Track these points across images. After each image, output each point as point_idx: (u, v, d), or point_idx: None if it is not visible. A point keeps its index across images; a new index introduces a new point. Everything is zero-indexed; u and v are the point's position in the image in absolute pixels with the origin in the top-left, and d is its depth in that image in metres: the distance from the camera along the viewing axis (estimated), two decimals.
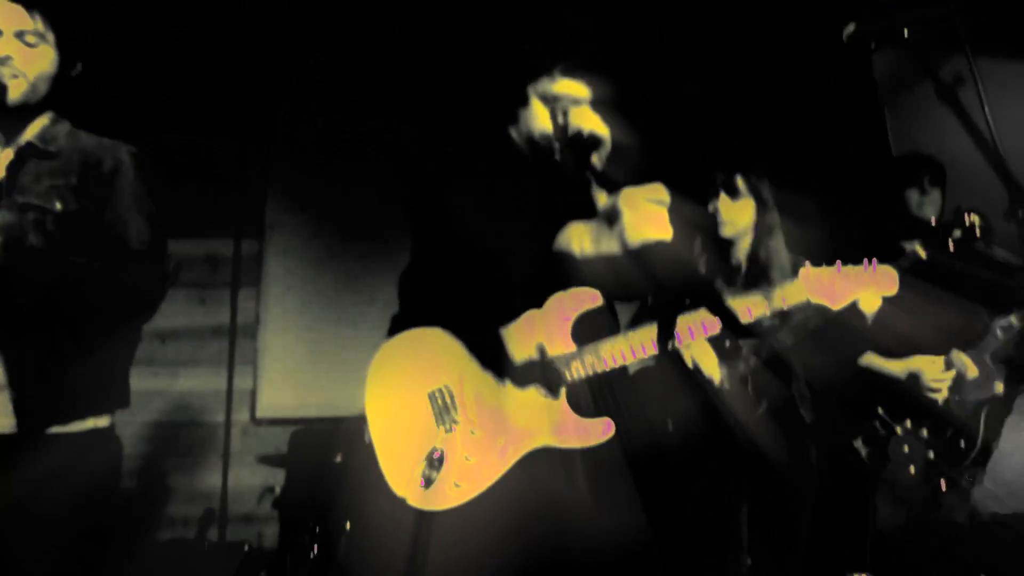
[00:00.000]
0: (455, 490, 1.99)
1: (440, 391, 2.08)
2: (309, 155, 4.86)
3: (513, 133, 2.18)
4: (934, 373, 2.93)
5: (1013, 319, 2.83)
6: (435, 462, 1.94)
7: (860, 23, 1.71)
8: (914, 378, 2.96)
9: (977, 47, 1.58)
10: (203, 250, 4.82)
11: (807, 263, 2.17)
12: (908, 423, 2.96)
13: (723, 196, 3.10)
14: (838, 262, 2.21)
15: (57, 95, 2.07)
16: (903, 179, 3.42)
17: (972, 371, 2.86)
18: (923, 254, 2.77)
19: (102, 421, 2.06)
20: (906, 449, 2.95)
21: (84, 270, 1.91)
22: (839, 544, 3.17)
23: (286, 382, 4.64)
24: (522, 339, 2.07)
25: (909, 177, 3.38)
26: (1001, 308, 2.92)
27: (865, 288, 2.22)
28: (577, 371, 2.02)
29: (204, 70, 4.61)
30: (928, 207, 3.28)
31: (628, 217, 1.89)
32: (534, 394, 2.04)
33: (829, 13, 4.13)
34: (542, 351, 2.04)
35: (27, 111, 2.03)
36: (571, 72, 2.14)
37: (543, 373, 2.03)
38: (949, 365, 2.89)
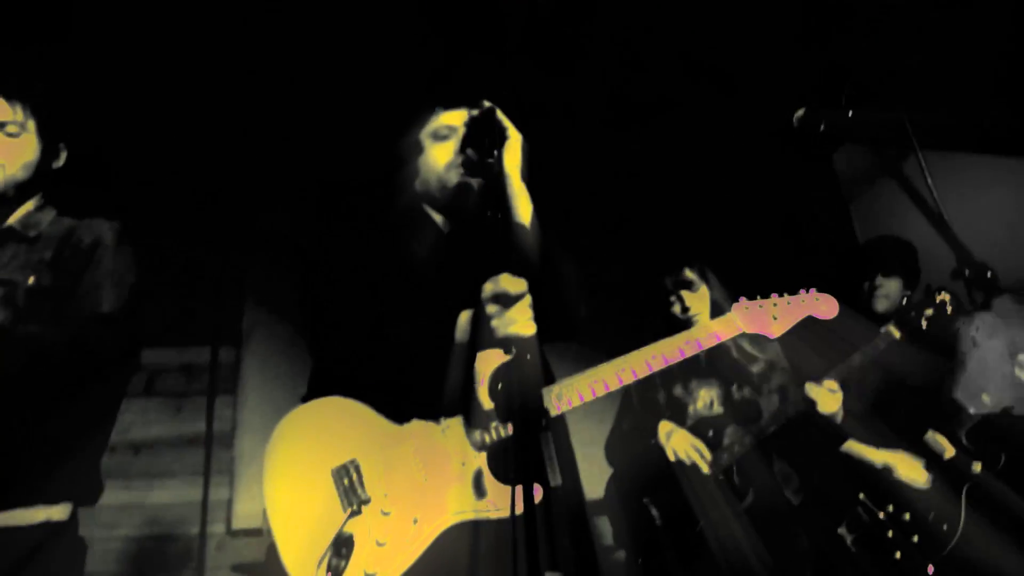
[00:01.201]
0: None
1: (345, 467, 1.90)
2: (287, 262, 4.91)
3: (417, 187, 2.15)
4: (909, 472, 2.94)
5: (985, 397, 2.86)
6: (342, 549, 1.79)
7: (808, 108, 1.82)
8: (888, 471, 2.97)
9: (921, 139, 1.68)
10: (180, 359, 4.79)
11: (742, 298, 2.23)
12: (890, 508, 2.94)
13: (683, 292, 3.20)
14: (773, 294, 2.26)
15: (44, 182, 2.11)
16: (857, 274, 3.45)
17: (949, 452, 2.87)
18: (897, 334, 2.85)
19: (56, 512, 1.95)
20: (890, 534, 2.92)
21: (37, 340, 1.87)
22: None
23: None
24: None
25: (862, 271, 3.42)
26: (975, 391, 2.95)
27: (804, 313, 2.27)
28: (559, 404, 1.95)
29: (182, 177, 4.68)
30: (880, 300, 3.32)
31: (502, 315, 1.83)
32: (450, 460, 1.90)
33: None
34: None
35: (11, 198, 2.05)
36: (451, 106, 2.17)
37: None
38: (927, 458, 2.91)
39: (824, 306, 2.30)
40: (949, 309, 2.71)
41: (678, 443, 3.05)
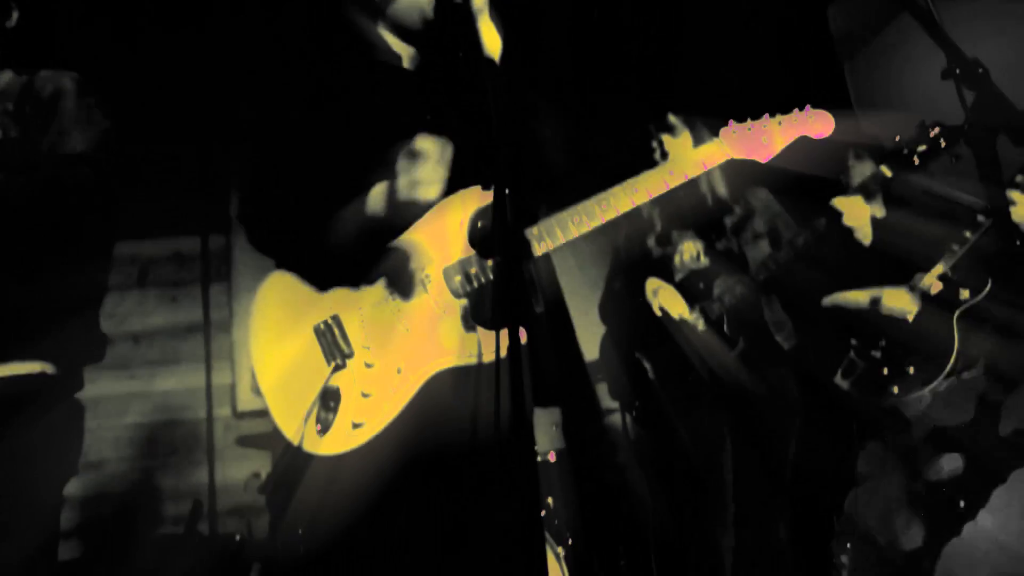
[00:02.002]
0: (355, 431, 1.82)
1: (326, 323, 1.89)
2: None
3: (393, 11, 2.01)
4: (896, 301, 2.94)
5: (980, 218, 2.81)
6: (330, 403, 1.80)
7: None
8: (876, 304, 2.97)
9: None
10: (170, 249, 4.79)
11: (731, 122, 2.08)
12: (883, 343, 2.97)
13: (665, 136, 3.11)
14: (766, 114, 2.11)
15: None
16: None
17: (936, 286, 2.87)
18: (889, 173, 2.80)
19: (26, 368, 1.93)
20: (885, 372, 2.96)
21: (7, 187, 1.85)
22: (824, 487, 3.19)
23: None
24: (418, 247, 1.91)
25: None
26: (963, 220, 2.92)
27: (797, 133, 2.12)
28: (542, 246, 1.88)
29: (164, 73, 4.54)
30: (855, 174, 3.26)
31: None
32: (431, 308, 1.88)
33: None
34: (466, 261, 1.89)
35: None
36: None
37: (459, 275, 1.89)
38: (914, 293, 2.91)
39: (819, 124, 2.14)
40: (942, 143, 2.64)
41: (665, 299, 3.07)
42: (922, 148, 2.62)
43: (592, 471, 3.59)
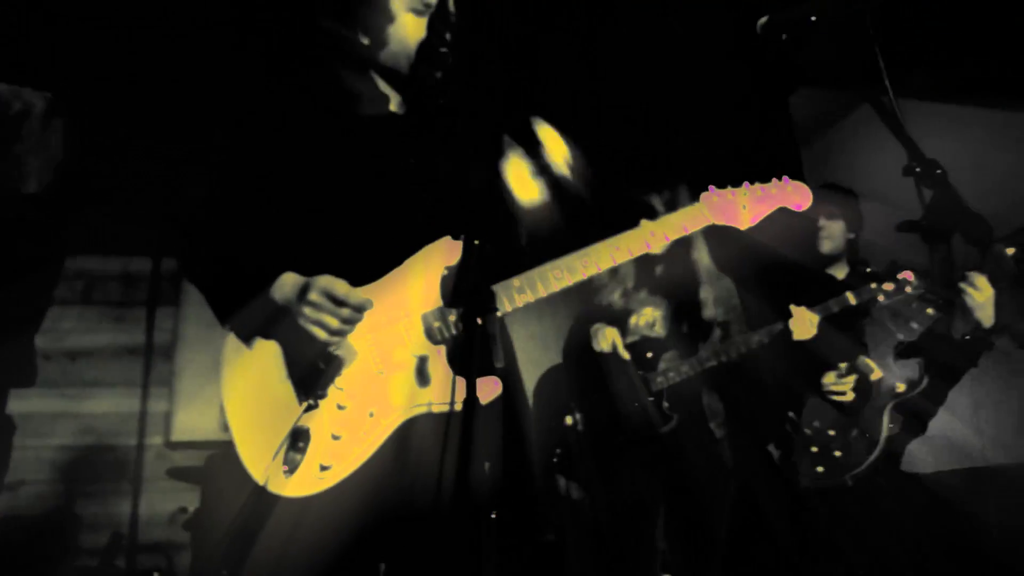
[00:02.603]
0: (322, 474, 1.79)
1: None
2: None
3: (382, 58, 2.03)
4: (833, 378, 3.03)
5: (915, 325, 2.94)
6: (299, 443, 1.77)
7: (772, 15, 1.81)
8: (817, 384, 3.05)
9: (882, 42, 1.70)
10: (120, 268, 4.67)
11: (711, 187, 2.10)
12: (816, 423, 3.05)
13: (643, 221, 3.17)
14: (745, 182, 2.13)
15: None
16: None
17: (876, 373, 2.96)
18: (853, 300, 2.94)
19: None
20: (814, 450, 3.03)
21: None
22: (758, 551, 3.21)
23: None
24: (390, 295, 1.91)
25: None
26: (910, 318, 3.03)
27: (776, 203, 2.12)
28: (522, 297, 1.88)
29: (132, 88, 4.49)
30: (824, 242, 3.40)
31: None
32: (406, 353, 1.87)
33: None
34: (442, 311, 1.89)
35: None
36: None
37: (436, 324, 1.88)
38: (851, 370, 3.00)
39: (796, 196, 2.14)
40: (909, 288, 2.80)
41: (603, 338, 3.09)
42: (889, 288, 2.77)
43: (529, 531, 3.55)
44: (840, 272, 3.39)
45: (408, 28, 2.03)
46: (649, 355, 3.15)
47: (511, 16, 3.71)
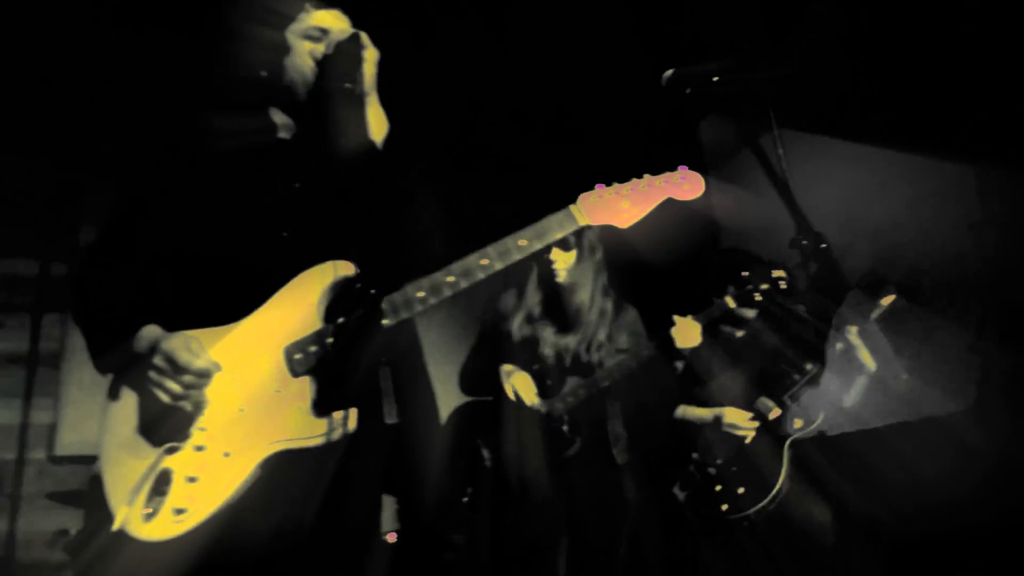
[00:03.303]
0: (178, 517, 1.75)
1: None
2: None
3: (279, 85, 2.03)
4: (736, 418, 3.12)
5: (809, 366, 3.08)
6: (161, 486, 1.74)
7: (677, 69, 1.85)
8: (718, 421, 3.15)
9: (777, 106, 1.76)
10: (5, 270, 4.41)
11: (598, 186, 2.00)
12: (719, 462, 3.14)
13: (555, 250, 3.21)
14: (633, 178, 2.02)
15: None
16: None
17: (775, 412, 3.08)
18: (732, 304, 3.02)
19: None
20: (718, 489, 3.12)
21: None
22: None
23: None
24: (258, 328, 1.89)
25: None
26: (801, 356, 3.17)
27: (663, 195, 1.99)
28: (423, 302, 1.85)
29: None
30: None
31: None
32: (267, 388, 1.84)
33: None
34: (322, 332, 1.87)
35: None
36: (327, 4, 2.05)
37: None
38: (754, 413, 3.11)
39: (687, 185, 2.00)
40: (782, 285, 2.91)
41: (516, 382, 3.11)
42: (764, 287, 2.86)
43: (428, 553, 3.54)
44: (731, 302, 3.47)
45: (304, 55, 2.02)
46: (549, 382, 3.18)
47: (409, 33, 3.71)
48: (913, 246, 3.83)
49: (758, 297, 2.97)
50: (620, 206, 1.96)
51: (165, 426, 1.82)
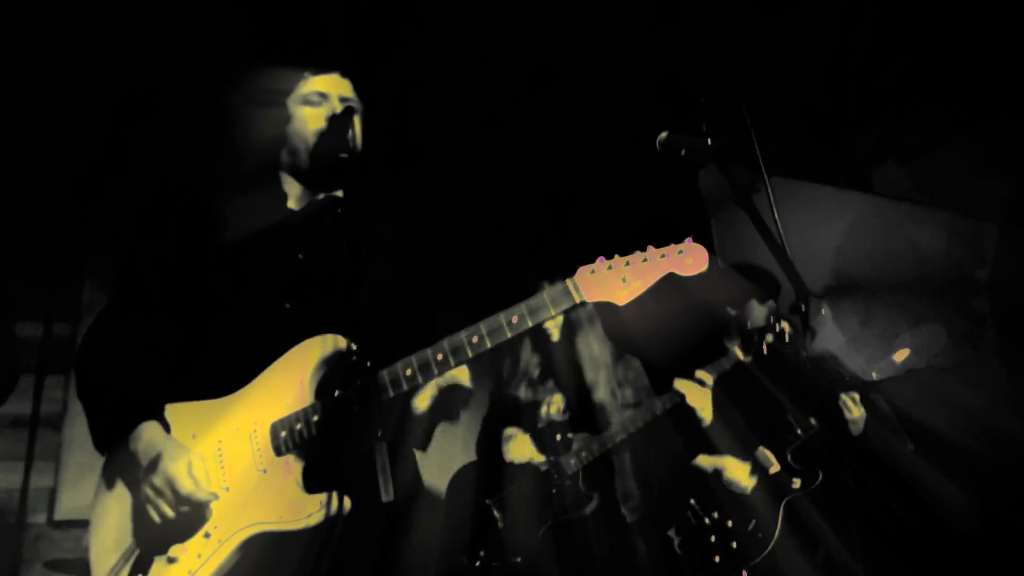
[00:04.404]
0: None
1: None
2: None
3: (283, 157, 2.07)
4: (736, 473, 3.10)
5: (813, 421, 3.06)
6: (144, 564, 1.76)
7: (671, 132, 1.87)
8: (718, 474, 3.12)
9: (770, 166, 1.77)
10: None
11: (599, 259, 1.91)
12: (715, 515, 3.10)
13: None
14: (636, 251, 1.90)
15: None
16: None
17: (775, 467, 3.04)
18: (742, 355, 3.02)
19: None
20: (712, 539, 3.07)
21: None
22: None
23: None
24: (247, 404, 1.90)
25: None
26: (804, 410, 3.15)
27: (665, 270, 1.87)
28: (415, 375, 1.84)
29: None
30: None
31: None
32: (252, 467, 1.84)
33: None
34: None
35: None
36: (324, 70, 2.08)
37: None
38: (754, 467, 3.08)
39: (689, 259, 1.86)
40: (787, 337, 2.91)
41: (515, 448, 3.09)
42: (769, 339, 2.86)
43: None
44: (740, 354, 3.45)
45: (305, 122, 2.05)
46: (558, 438, 3.16)
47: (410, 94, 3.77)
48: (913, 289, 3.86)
49: (765, 349, 2.98)
50: (618, 281, 1.85)
51: (153, 532, 1.82)
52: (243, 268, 1.99)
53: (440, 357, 1.85)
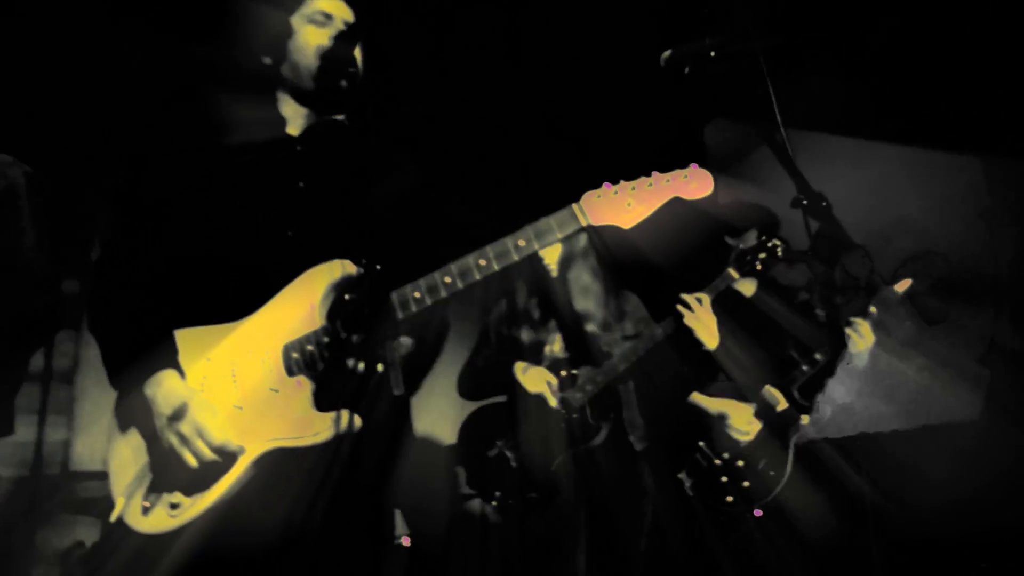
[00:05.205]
0: (173, 512, 1.80)
1: None
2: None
3: (284, 72, 2.06)
4: (739, 420, 3.11)
5: (818, 355, 3.06)
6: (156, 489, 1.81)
7: (674, 48, 1.86)
8: (722, 419, 3.14)
9: (772, 71, 1.77)
10: None
11: (605, 184, 1.92)
12: (726, 455, 3.12)
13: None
14: (641, 176, 1.93)
15: None
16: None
17: (782, 404, 3.06)
18: (736, 275, 3.03)
19: None
20: (724, 480, 3.10)
21: None
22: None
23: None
24: (262, 326, 1.92)
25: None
26: (808, 346, 3.16)
27: (670, 193, 1.88)
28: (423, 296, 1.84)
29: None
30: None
31: None
32: (263, 386, 1.88)
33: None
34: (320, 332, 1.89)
35: None
36: None
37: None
38: (760, 406, 3.10)
39: (695, 183, 1.87)
40: (779, 252, 2.92)
41: (532, 378, 3.11)
42: (762, 256, 2.88)
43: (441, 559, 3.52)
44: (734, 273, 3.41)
45: (308, 40, 2.04)
46: (563, 374, 3.18)
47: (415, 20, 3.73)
48: (925, 241, 3.83)
49: (759, 266, 2.99)
50: (624, 205, 1.87)
51: (174, 477, 1.86)
52: (244, 195, 2.00)
53: (448, 280, 1.88)
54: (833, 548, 2.99)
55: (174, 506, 1.79)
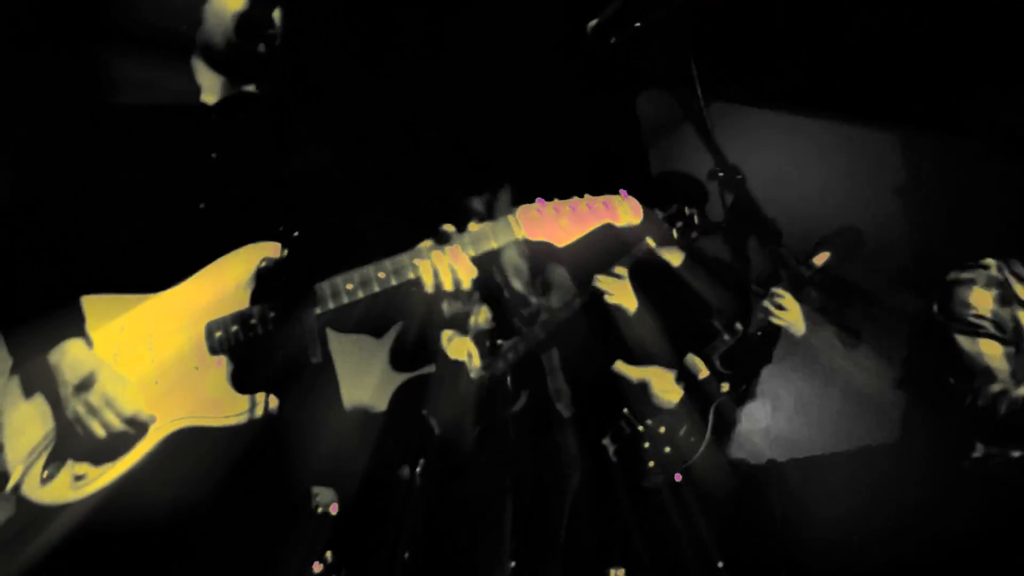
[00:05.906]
0: (77, 483, 1.76)
1: None
2: None
3: (199, 38, 2.00)
4: (661, 385, 3.18)
5: (739, 325, 3.14)
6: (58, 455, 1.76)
7: (600, 18, 1.87)
8: (644, 386, 3.20)
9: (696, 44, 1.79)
10: None
11: (538, 200, 1.97)
12: (649, 421, 3.19)
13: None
14: (575, 196, 1.98)
15: None
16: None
17: (704, 372, 3.14)
18: (652, 244, 3.08)
19: None
20: (646, 445, 3.17)
21: None
22: (597, 540, 3.33)
23: None
24: (182, 301, 1.88)
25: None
26: (729, 317, 3.24)
27: (603, 219, 1.96)
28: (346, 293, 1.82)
29: None
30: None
31: None
32: (186, 363, 1.84)
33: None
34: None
35: None
36: None
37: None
38: (682, 374, 3.17)
39: (623, 212, 1.97)
40: (696, 219, 2.98)
41: (456, 347, 3.12)
42: (679, 224, 2.94)
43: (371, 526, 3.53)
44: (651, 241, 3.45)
45: (226, 3, 1.97)
46: (487, 343, 3.20)
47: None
48: (841, 214, 3.94)
49: (675, 234, 3.03)
50: (559, 224, 1.92)
51: (80, 447, 1.80)
52: (151, 161, 1.94)
53: (382, 276, 1.86)
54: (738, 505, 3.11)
55: (79, 477, 1.74)
